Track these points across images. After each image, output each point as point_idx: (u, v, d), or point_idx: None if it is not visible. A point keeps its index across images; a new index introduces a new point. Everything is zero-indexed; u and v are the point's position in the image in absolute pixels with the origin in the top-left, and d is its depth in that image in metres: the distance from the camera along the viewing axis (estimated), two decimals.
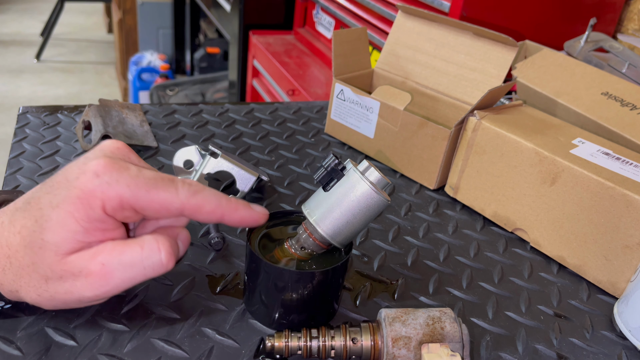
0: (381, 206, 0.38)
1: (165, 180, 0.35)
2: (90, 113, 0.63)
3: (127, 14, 2.85)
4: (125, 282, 0.35)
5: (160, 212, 0.35)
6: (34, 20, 4.09)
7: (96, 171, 0.34)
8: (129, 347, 0.37)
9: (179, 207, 0.35)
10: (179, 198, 0.35)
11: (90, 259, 0.34)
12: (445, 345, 0.36)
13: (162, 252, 0.35)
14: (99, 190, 0.33)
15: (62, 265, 0.33)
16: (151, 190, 0.34)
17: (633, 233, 0.47)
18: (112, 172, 0.34)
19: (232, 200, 0.37)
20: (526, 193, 0.54)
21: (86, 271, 0.34)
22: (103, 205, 0.33)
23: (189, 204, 0.35)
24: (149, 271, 0.35)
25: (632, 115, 0.58)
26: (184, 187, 0.35)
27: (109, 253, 0.34)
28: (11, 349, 0.36)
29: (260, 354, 0.38)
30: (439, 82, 0.68)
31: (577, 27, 0.96)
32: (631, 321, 0.43)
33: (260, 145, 0.68)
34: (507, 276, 0.50)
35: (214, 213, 0.36)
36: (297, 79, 1.25)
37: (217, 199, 0.36)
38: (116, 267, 0.34)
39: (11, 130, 2.44)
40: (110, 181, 0.33)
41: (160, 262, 0.35)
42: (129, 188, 0.34)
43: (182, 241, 0.38)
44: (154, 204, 0.34)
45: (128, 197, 0.34)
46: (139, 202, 0.34)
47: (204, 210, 0.36)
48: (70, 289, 0.34)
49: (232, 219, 0.37)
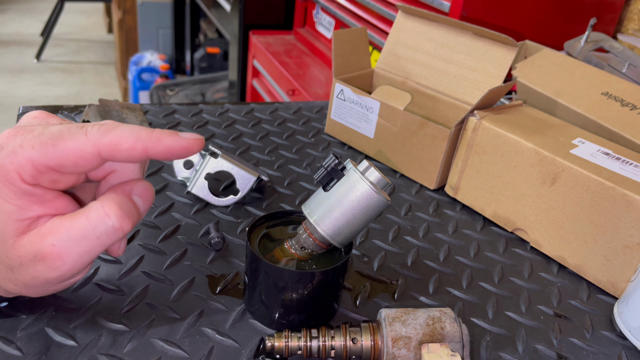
0: (381, 206, 0.38)
1: (73, 128, 0.32)
2: (90, 113, 0.63)
3: (127, 14, 2.85)
4: (82, 256, 0.33)
5: (78, 163, 0.32)
6: (34, 20, 4.09)
7: (1, 144, 0.32)
8: (129, 347, 0.37)
9: (92, 151, 0.32)
10: (89, 141, 0.32)
11: (40, 241, 0.32)
12: (445, 345, 0.36)
13: (111, 216, 0.32)
14: (7, 161, 0.31)
15: (15, 252, 0.32)
16: (58, 142, 0.31)
17: (633, 233, 0.47)
18: (15, 138, 0.32)
19: (154, 131, 0.33)
20: (526, 193, 0.54)
21: (40, 254, 0.32)
22: (19, 176, 0.31)
23: (102, 144, 0.32)
24: (105, 239, 0.33)
25: (632, 115, 0.58)
26: (93, 129, 0.32)
27: (56, 232, 0.32)
28: (11, 349, 0.36)
29: (260, 354, 0.38)
30: (439, 82, 0.68)
31: (577, 27, 0.96)
32: (631, 321, 0.43)
33: (260, 145, 0.68)
34: (507, 276, 0.50)
35: (135, 148, 0.32)
36: (297, 79, 1.25)
37: (134, 132, 0.33)
38: (67, 244, 0.32)
39: None
40: (15, 148, 0.31)
41: (113, 227, 0.33)
42: (34, 149, 0.31)
43: (140, 195, 0.35)
44: (66, 155, 0.32)
45: (38, 158, 0.31)
46: (52, 159, 0.31)
47: (122, 147, 0.32)
48: (34, 274, 0.33)
49: (157, 151, 0.33)
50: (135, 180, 0.35)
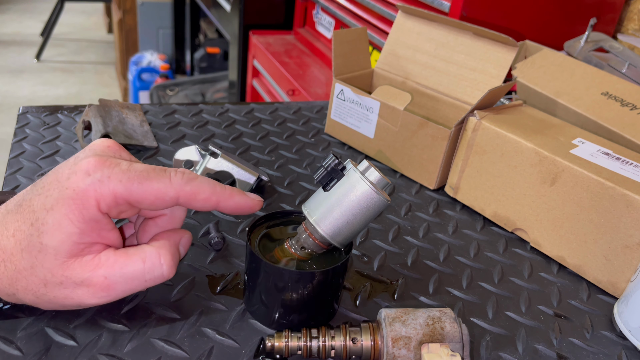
0: (381, 206, 0.38)
1: (158, 170, 0.35)
2: (90, 113, 0.63)
3: (127, 14, 2.85)
4: (126, 292, 0.35)
5: (156, 203, 0.35)
6: (34, 20, 4.09)
7: (87, 170, 0.33)
8: (129, 347, 0.37)
9: (173, 195, 0.35)
10: (172, 187, 0.35)
11: (93, 271, 0.34)
12: (445, 345, 0.36)
13: (164, 266, 0.35)
14: (92, 188, 0.33)
15: (62, 271, 0.33)
16: (144, 181, 0.34)
17: (633, 233, 0.47)
18: (103, 169, 0.34)
19: (226, 187, 0.37)
20: (526, 193, 0.54)
21: (88, 282, 0.34)
22: (97, 204, 0.33)
23: (183, 191, 0.35)
24: (150, 283, 0.36)
25: (632, 115, 0.58)
26: (177, 176, 0.35)
27: (111, 266, 0.34)
28: (11, 349, 0.36)
29: (260, 354, 0.38)
30: (439, 82, 0.68)
31: (577, 27, 0.96)
32: (631, 321, 0.43)
33: (260, 145, 0.68)
34: (507, 276, 0.50)
35: (209, 200, 0.36)
36: (297, 79, 1.25)
37: (211, 186, 0.36)
38: (118, 280, 0.34)
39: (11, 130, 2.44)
40: (102, 178, 0.33)
41: (162, 275, 0.36)
42: (121, 183, 0.33)
43: (184, 245, 0.39)
44: (148, 195, 0.34)
45: (121, 192, 0.34)
46: (133, 195, 0.34)
47: (199, 197, 0.36)
48: (70, 295, 0.34)
49: (227, 205, 0.37)
50: (182, 231, 0.39)
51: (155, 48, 2.87)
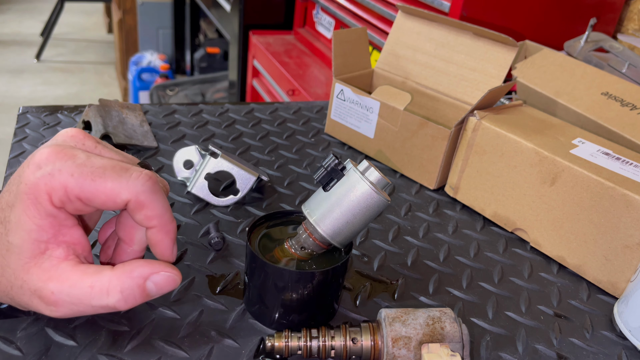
0: (381, 206, 0.38)
1: (117, 169, 0.32)
2: (90, 113, 0.63)
3: (127, 14, 2.85)
4: (74, 312, 0.33)
5: (107, 203, 0.32)
6: (34, 20, 4.09)
7: (38, 162, 0.32)
8: (129, 347, 0.37)
9: (126, 198, 0.32)
10: (128, 190, 0.32)
11: (45, 282, 0.32)
12: (445, 345, 0.36)
13: (110, 297, 0.32)
14: (42, 182, 0.31)
15: (22, 274, 0.32)
16: (97, 179, 0.32)
17: (633, 233, 0.47)
18: (55, 161, 0.31)
19: (172, 223, 0.35)
20: (526, 193, 0.54)
21: (39, 292, 0.32)
22: (49, 198, 0.31)
23: (137, 198, 0.32)
24: (99, 310, 0.33)
25: (632, 115, 0.58)
26: (138, 180, 0.32)
27: (62, 282, 0.32)
28: (11, 349, 0.36)
29: (260, 354, 0.38)
30: (439, 82, 0.68)
31: (577, 27, 0.96)
32: (631, 321, 0.43)
33: (260, 145, 0.68)
34: (507, 276, 0.50)
35: (150, 220, 0.34)
36: (297, 79, 1.25)
37: (163, 208, 0.34)
38: (65, 298, 0.32)
39: (11, 130, 2.44)
40: (53, 171, 0.31)
41: (108, 305, 0.33)
42: (72, 177, 0.31)
43: (156, 283, 0.34)
44: (99, 194, 0.32)
45: (72, 187, 0.31)
46: (84, 192, 0.32)
47: (144, 211, 0.33)
48: (28, 303, 0.33)
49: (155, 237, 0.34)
50: (161, 266, 0.34)
51: (155, 48, 2.87)
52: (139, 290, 0.34)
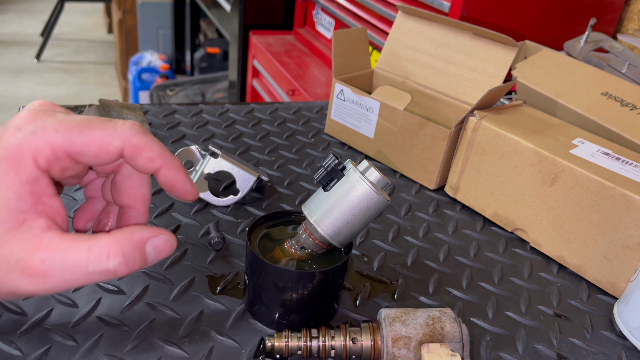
0: (381, 206, 0.38)
1: (101, 120, 0.31)
2: (90, 113, 0.63)
3: (127, 14, 2.85)
4: (66, 283, 0.31)
5: (100, 154, 0.31)
6: (34, 20, 4.09)
7: (17, 125, 0.30)
8: (129, 347, 0.37)
9: (119, 145, 0.31)
10: (118, 135, 0.31)
11: (31, 251, 0.30)
12: (445, 345, 0.36)
13: (111, 260, 0.31)
14: (25, 142, 0.29)
15: (0, 247, 0.30)
16: (84, 130, 0.30)
17: (633, 233, 0.47)
18: (36, 120, 0.30)
19: (176, 159, 0.33)
20: (526, 193, 0.54)
21: (23, 263, 0.30)
22: (34, 159, 0.30)
23: (130, 142, 0.31)
24: (95, 276, 0.31)
25: (632, 115, 0.58)
26: (125, 125, 0.32)
27: (52, 250, 0.30)
28: (11, 349, 0.36)
29: (260, 354, 0.38)
30: (439, 82, 0.68)
31: (577, 27, 0.96)
32: (631, 321, 0.43)
33: (260, 145, 0.68)
34: (507, 276, 0.50)
35: (153, 161, 0.32)
36: (297, 79, 1.25)
37: (161, 148, 0.33)
38: (57, 266, 0.30)
39: None
40: (35, 129, 0.30)
41: (107, 269, 0.31)
42: (58, 132, 0.30)
43: (155, 247, 0.33)
44: (90, 144, 0.30)
45: (60, 142, 0.30)
46: (74, 145, 0.30)
47: (144, 153, 0.32)
48: (4, 280, 0.30)
49: (166, 175, 0.33)
50: (158, 230, 0.33)
51: (155, 48, 2.88)
52: (140, 253, 0.32)
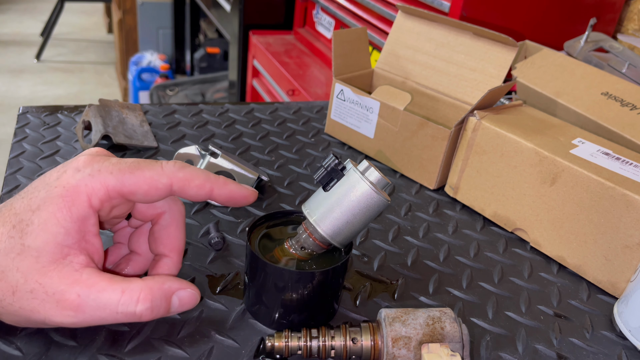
0: (381, 206, 0.38)
1: (148, 161, 0.35)
2: (90, 113, 0.63)
3: (127, 14, 2.85)
4: (94, 319, 0.33)
5: (150, 192, 0.34)
6: (34, 20, 4.09)
7: (77, 167, 0.33)
8: (129, 347, 0.37)
9: (167, 182, 0.34)
10: (165, 174, 0.34)
11: (70, 285, 0.32)
12: (445, 345, 0.36)
13: (139, 306, 0.33)
14: (82, 183, 0.33)
15: (38, 277, 0.32)
16: (135, 171, 0.34)
17: (633, 233, 0.47)
18: (93, 164, 0.34)
19: (220, 176, 0.37)
20: (526, 193, 0.54)
21: (60, 295, 0.32)
22: (89, 199, 0.33)
23: (176, 178, 0.35)
24: (121, 317, 0.33)
25: (632, 115, 0.58)
26: (169, 164, 0.35)
27: (89, 287, 0.32)
28: (11, 349, 0.36)
29: (260, 354, 0.38)
30: (439, 82, 0.68)
31: (577, 27, 0.96)
32: (631, 321, 0.43)
33: (260, 145, 0.68)
34: (507, 276, 0.50)
35: (203, 187, 0.36)
36: (297, 79, 1.25)
37: (204, 173, 0.36)
38: (90, 303, 0.32)
39: (11, 130, 2.44)
40: (92, 172, 0.33)
41: (134, 313, 0.33)
42: (112, 174, 0.33)
43: (181, 299, 0.36)
44: (141, 184, 0.34)
45: (114, 184, 0.33)
46: (126, 186, 0.34)
47: (192, 184, 0.35)
48: (37, 309, 0.32)
49: (221, 193, 0.36)
50: (186, 284, 0.36)
51: (155, 48, 2.88)
52: (166, 303, 0.35)
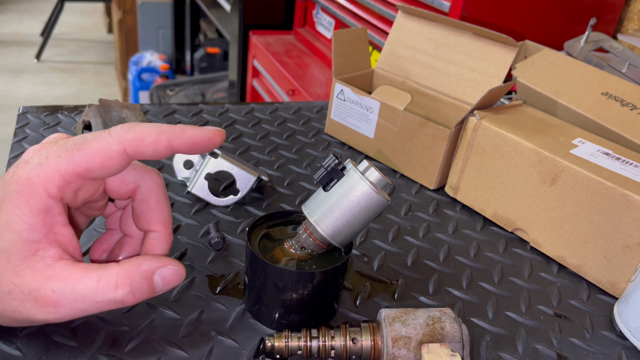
0: (381, 206, 0.38)
1: (96, 133, 0.33)
2: (90, 113, 0.63)
3: (127, 14, 2.86)
4: (76, 312, 0.32)
5: (106, 163, 0.32)
6: (34, 20, 4.09)
7: (26, 159, 0.32)
8: (129, 347, 0.37)
9: (118, 148, 0.32)
10: (114, 139, 0.32)
11: (43, 281, 0.31)
12: (445, 345, 0.36)
13: (118, 291, 0.32)
14: (34, 174, 0.31)
15: (12, 277, 0.31)
16: (83, 146, 0.32)
17: (633, 233, 0.47)
18: (41, 151, 0.32)
19: (176, 125, 0.34)
20: (526, 193, 0.54)
21: (36, 293, 0.31)
22: (45, 189, 0.31)
23: (127, 140, 0.32)
24: (103, 305, 0.32)
25: (632, 115, 0.58)
26: (116, 129, 0.33)
27: (63, 280, 0.31)
28: (11, 349, 0.36)
29: (260, 354, 0.38)
30: (439, 82, 0.68)
31: (577, 27, 0.96)
32: (631, 321, 0.43)
33: (260, 145, 0.68)
34: (507, 276, 0.50)
35: (159, 141, 0.33)
36: (297, 79, 1.25)
37: (157, 126, 0.33)
38: (67, 296, 0.31)
39: (11, 130, 2.44)
40: (41, 160, 0.31)
41: (115, 299, 0.32)
42: (61, 158, 0.32)
43: (163, 277, 0.34)
44: (92, 157, 0.32)
45: (65, 166, 0.31)
46: (78, 165, 0.32)
47: (146, 141, 0.32)
48: (19, 308, 0.32)
49: (181, 142, 0.33)
50: (168, 260, 0.35)
51: (155, 48, 2.88)
52: (147, 284, 0.34)
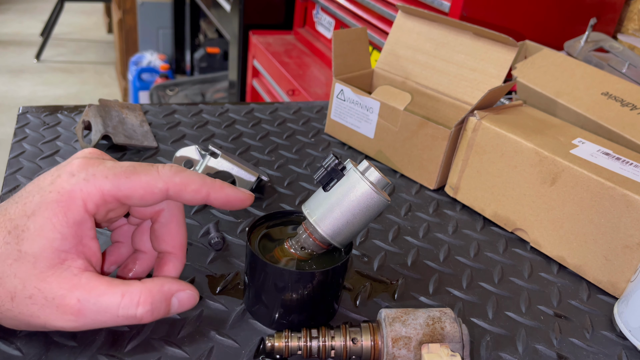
0: (381, 206, 0.38)
1: (144, 165, 0.35)
2: (90, 113, 0.63)
3: (127, 14, 2.85)
4: (95, 323, 0.33)
5: (145, 197, 0.34)
6: (34, 20, 4.09)
7: (71, 171, 0.33)
8: (129, 347, 0.37)
9: (162, 187, 0.34)
10: (161, 178, 0.34)
11: (69, 290, 0.32)
12: (445, 345, 0.36)
13: (139, 308, 0.33)
14: (77, 188, 0.32)
15: (36, 282, 0.32)
16: (131, 175, 0.34)
17: (633, 233, 0.47)
18: (88, 168, 0.33)
19: (216, 180, 0.37)
20: (526, 193, 0.54)
21: (60, 300, 0.32)
22: (84, 204, 0.32)
23: (172, 182, 0.35)
24: (122, 320, 0.33)
25: (632, 115, 0.58)
26: (165, 168, 0.35)
27: (88, 291, 0.32)
28: (11, 349, 0.36)
29: (260, 354, 0.38)
30: (439, 82, 0.68)
31: (577, 27, 0.96)
32: (631, 321, 0.43)
33: (260, 145, 0.68)
34: (507, 276, 0.50)
35: (199, 191, 0.35)
36: (297, 79, 1.25)
37: (201, 178, 0.36)
38: (90, 307, 0.32)
39: (11, 130, 2.44)
40: (87, 177, 0.33)
41: (134, 316, 0.34)
42: (107, 179, 0.33)
43: (180, 300, 0.36)
44: (137, 188, 0.34)
45: (109, 188, 0.33)
46: (121, 190, 0.33)
47: (189, 188, 0.35)
48: (37, 314, 0.32)
49: (218, 197, 0.36)
50: (186, 286, 0.37)
51: (155, 48, 2.87)
52: (166, 304, 0.35)
